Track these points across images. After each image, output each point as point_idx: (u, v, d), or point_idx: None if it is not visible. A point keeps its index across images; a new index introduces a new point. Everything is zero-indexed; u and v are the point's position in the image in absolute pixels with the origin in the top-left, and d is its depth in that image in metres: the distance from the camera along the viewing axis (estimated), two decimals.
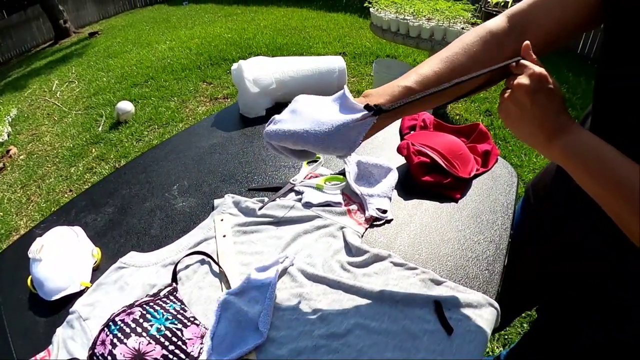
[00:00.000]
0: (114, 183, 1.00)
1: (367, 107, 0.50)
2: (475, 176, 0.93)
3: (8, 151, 3.59)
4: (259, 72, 1.16)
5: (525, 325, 1.63)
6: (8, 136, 3.95)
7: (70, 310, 0.66)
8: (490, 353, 1.56)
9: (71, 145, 3.49)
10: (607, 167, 0.46)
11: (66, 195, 2.85)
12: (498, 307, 0.62)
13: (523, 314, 1.61)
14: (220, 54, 4.90)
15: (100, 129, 3.64)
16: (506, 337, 1.61)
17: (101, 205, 0.93)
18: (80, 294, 0.70)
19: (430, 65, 0.55)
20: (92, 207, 0.93)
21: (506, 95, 0.52)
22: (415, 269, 0.68)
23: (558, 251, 0.76)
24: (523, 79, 0.49)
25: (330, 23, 5.86)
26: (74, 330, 0.63)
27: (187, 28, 6.59)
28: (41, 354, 0.61)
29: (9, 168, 3.41)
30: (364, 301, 0.63)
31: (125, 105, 3.60)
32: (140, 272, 0.73)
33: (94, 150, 3.33)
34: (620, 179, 0.44)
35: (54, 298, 0.69)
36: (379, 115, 0.50)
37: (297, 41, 5.15)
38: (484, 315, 0.60)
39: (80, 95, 4.56)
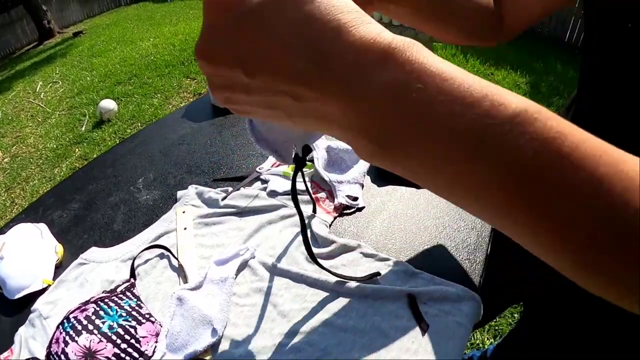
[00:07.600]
0: (82, 179, 0.98)
1: None
2: None
3: None
4: None
5: (516, 315, 1.60)
6: None
7: (32, 308, 0.65)
8: (481, 345, 1.53)
9: (54, 146, 3.44)
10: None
11: None
12: (480, 300, 0.57)
13: (515, 305, 1.58)
14: None
15: (83, 128, 3.58)
16: (497, 327, 1.58)
17: (68, 202, 0.91)
18: (42, 291, 0.69)
19: None
20: (60, 203, 0.91)
21: None
22: (387, 259, 0.63)
23: None
24: None
25: None
26: (35, 329, 0.62)
27: (171, 25, 6.52)
28: (4, 354, 0.61)
29: None
30: (329, 296, 0.59)
31: (108, 104, 3.54)
32: (100, 268, 0.70)
33: (77, 150, 3.27)
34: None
35: (17, 296, 0.68)
36: None
37: None
38: (464, 310, 0.55)
39: (64, 96, 4.50)
